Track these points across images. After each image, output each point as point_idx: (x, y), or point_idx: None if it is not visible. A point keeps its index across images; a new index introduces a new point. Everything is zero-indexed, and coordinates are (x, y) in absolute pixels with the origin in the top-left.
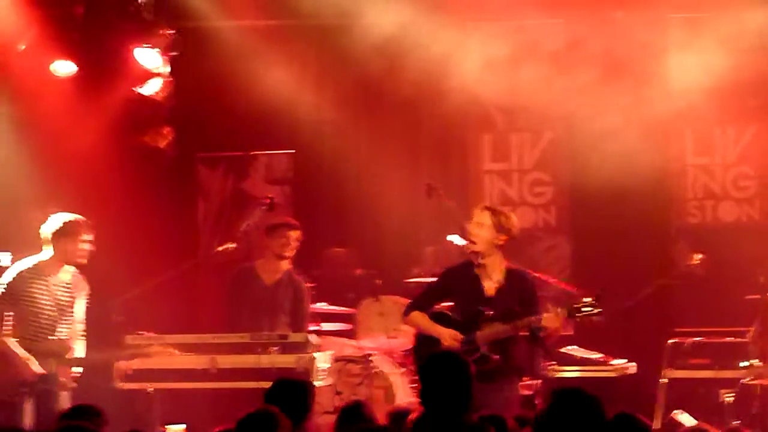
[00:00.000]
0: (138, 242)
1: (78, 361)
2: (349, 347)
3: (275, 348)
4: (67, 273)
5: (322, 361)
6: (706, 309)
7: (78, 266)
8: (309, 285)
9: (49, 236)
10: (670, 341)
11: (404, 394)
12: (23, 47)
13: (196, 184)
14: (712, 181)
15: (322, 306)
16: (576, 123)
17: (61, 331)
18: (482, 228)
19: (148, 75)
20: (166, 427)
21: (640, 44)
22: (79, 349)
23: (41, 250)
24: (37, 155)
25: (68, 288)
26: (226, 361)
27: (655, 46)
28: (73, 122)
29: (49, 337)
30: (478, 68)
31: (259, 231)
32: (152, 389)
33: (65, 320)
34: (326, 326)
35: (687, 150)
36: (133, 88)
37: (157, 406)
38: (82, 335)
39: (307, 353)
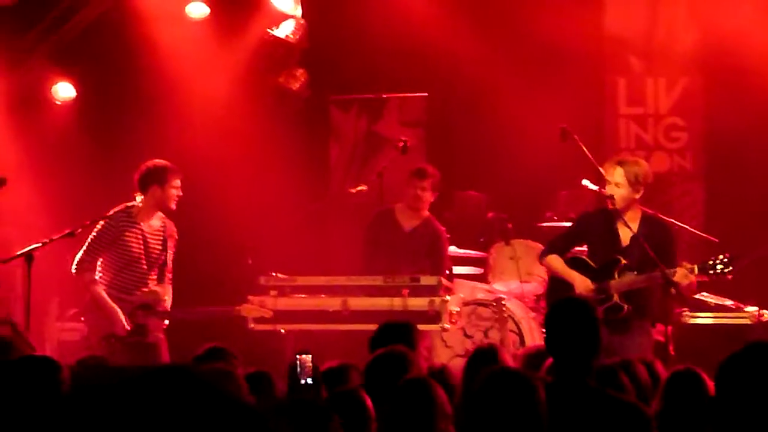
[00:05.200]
0: (270, 184)
1: (169, 313)
2: (481, 291)
3: (407, 291)
4: (157, 219)
5: (453, 304)
6: None
7: (168, 212)
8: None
9: (140, 182)
10: None
11: (535, 338)
12: None
13: (329, 126)
14: None
15: (453, 249)
16: (712, 67)
17: (152, 279)
18: (619, 187)
19: (282, 17)
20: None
21: None
22: (170, 296)
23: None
24: (169, 98)
25: (159, 235)
26: (358, 303)
27: None
28: (206, 64)
29: (142, 288)
30: (617, 10)
31: (393, 173)
32: (284, 330)
33: (156, 268)
34: (457, 270)
35: None
36: (267, 30)
37: (289, 347)
38: (170, 280)
39: (439, 296)
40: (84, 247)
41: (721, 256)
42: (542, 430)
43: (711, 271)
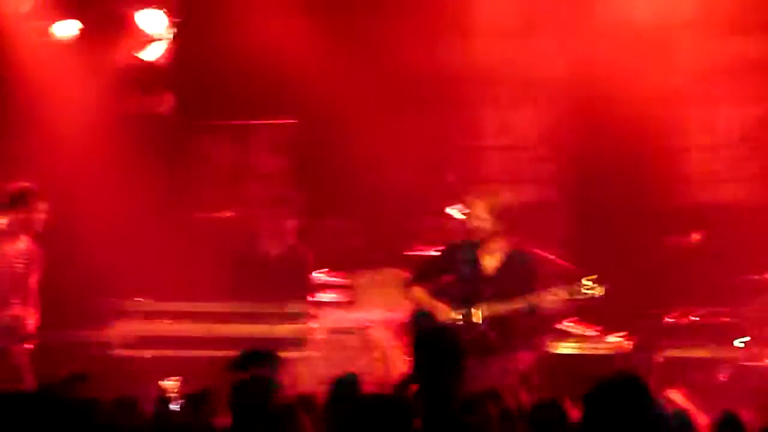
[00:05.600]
0: (136, 207)
1: (31, 336)
2: (346, 318)
3: (272, 318)
4: (22, 242)
5: (319, 331)
6: (703, 288)
7: (34, 235)
8: (310, 256)
9: (4, 205)
10: (666, 319)
11: (400, 366)
12: (25, 10)
13: (197, 152)
14: (715, 160)
15: (320, 276)
16: (579, 99)
17: (15, 303)
18: (481, 221)
19: (151, 39)
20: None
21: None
22: (32, 320)
23: None
24: (33, 120)
25: (23, 257)
26: (224, 329)
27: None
28: (73, 85)
29: (4, 311)
30: (483, 40)
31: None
32: (150, 356)
33: (19, 292)
34: (324, 297)
35: (690, 128)
36: (134, 53)
37: (153, 372)
38: (37, 302)
39: (304, 324)
40: None
41: (584, 280)
42: None
43: (577, 295)
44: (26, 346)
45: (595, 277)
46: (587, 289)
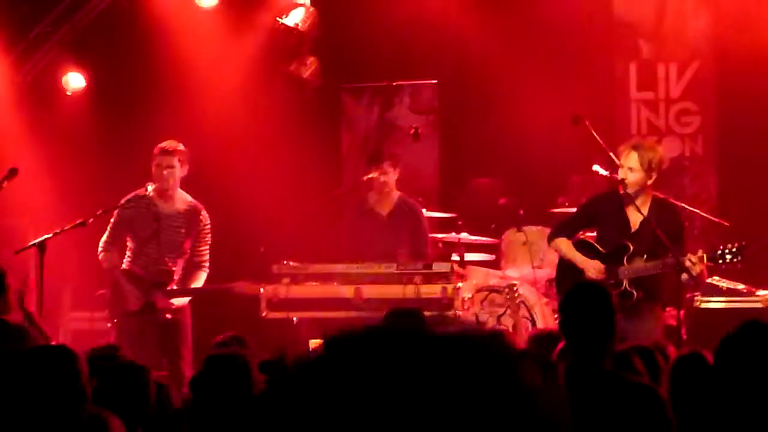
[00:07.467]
0: (282, 172)
1: (183, 292)
2: (493, 277)
3: (419, 278)
4: (181, 203)
5: (466, 290)
6: None
7: (162, 191)
8: (422, 206)
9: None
10: None
11: (548, 323)
12: None
13: (341, 114)
14: None
15: (465, 236)
16: (724, 51)
17: (170, 261)
18: (632, 171)
19: (291, 5)
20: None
21: None
22: (199, 280)
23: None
24: (181, 87)
25: (178, 218)
26: (371, 290)
27: None
28: (216, 54)
29: (160, 267)
30: None
31: (405, 161)
32: (296, 318)
33: (174, 250)
34: (470, 256)
35: None
36: (277, 19)
37: (301, 334)
38: (203, 266)
39: (451, 283)
40: (106, 231)
41: (730, 246)
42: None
43: (720, 261)
44: (170, 301)
45: (739, 245)
46: (729, 255)
